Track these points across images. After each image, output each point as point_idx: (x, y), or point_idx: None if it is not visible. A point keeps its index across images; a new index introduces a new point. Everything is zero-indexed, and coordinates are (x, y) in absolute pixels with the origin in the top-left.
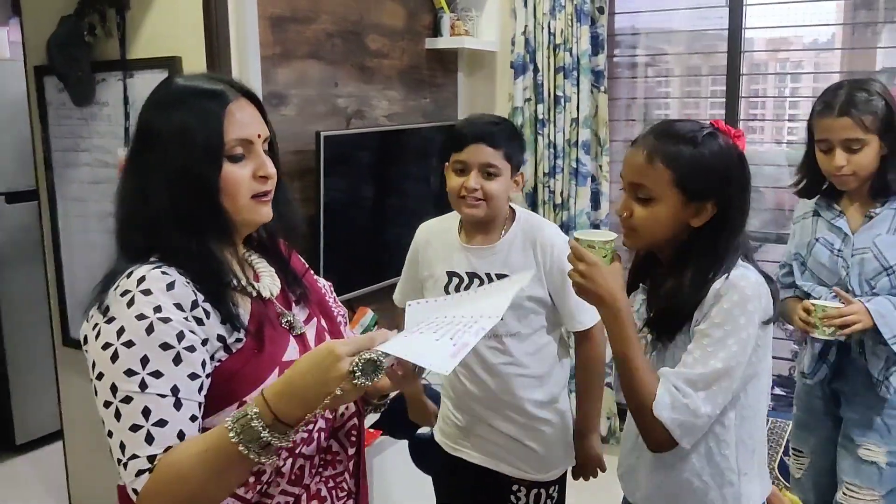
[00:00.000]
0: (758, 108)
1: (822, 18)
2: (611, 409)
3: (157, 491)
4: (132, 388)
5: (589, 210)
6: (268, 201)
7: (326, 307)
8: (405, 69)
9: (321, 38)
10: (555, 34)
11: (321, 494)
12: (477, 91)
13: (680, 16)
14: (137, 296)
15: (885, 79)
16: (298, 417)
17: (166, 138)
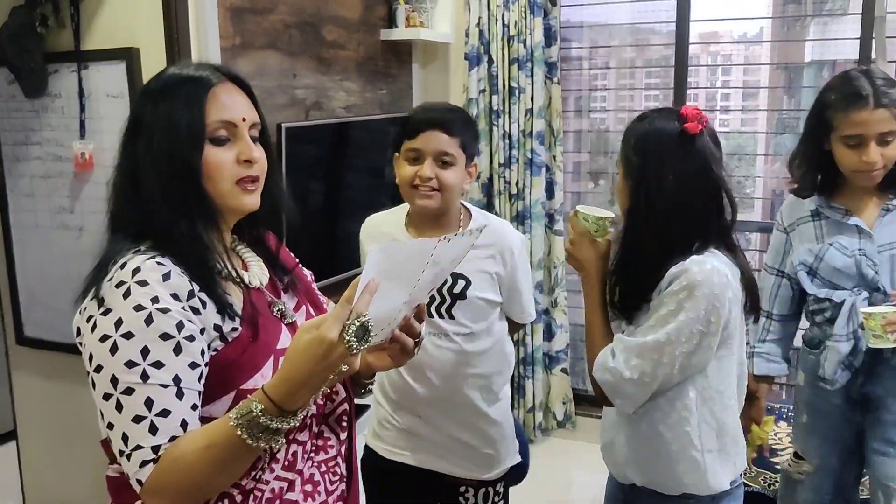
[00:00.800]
0: (691, 99)
1: (752, 12)
2: (567, 394)
3: (164, 483)
4: (134, 380)
5: (544, 200)
6: (254, 190)
7: (314, 296)
8: (362, 61)
9: (279, 29)
10: (508, 26)
11: (314, 479)
12: (432, 82)
13: (623, 9)
14: (134, 287)
15: (814, 71)
16: (305, 404)
17: (152, 125)
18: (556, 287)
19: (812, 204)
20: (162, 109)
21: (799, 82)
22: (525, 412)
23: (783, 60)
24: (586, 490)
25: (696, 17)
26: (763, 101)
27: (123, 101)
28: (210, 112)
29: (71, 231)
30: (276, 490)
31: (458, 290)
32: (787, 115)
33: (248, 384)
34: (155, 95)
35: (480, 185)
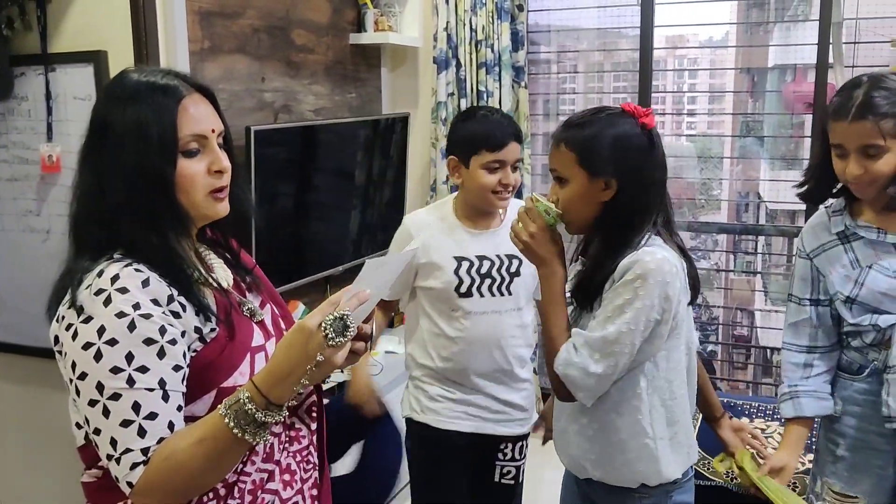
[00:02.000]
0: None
1: (717, 18)
2: (536, 393)
3: (155, 483)
4: (120, 385)
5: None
6: (224, 197)
7: (275, 294)
8: (330, 64)
9: (248, 33)
10: (476, 30)
11: (291, 469)
12: (400, 86)
13: (589, 14)
14: (114, 294)
15: (777, 74)
16: (289, 395)
17: (121, 133)
18: None
19: (838, 225)
20: (130, 118)
21: (763, 86)
22: None
23: (747, 65)
24: (555, 485)
25: (662, 23)
26: (728, 104)
27: (91, 104)
28: (182, 125)
29: (38, 234)
30: (256, 481)
31: (514, 268)
32: (752, 119)
33: (228, 382)
34: (122, 102)
35: (449, 187)
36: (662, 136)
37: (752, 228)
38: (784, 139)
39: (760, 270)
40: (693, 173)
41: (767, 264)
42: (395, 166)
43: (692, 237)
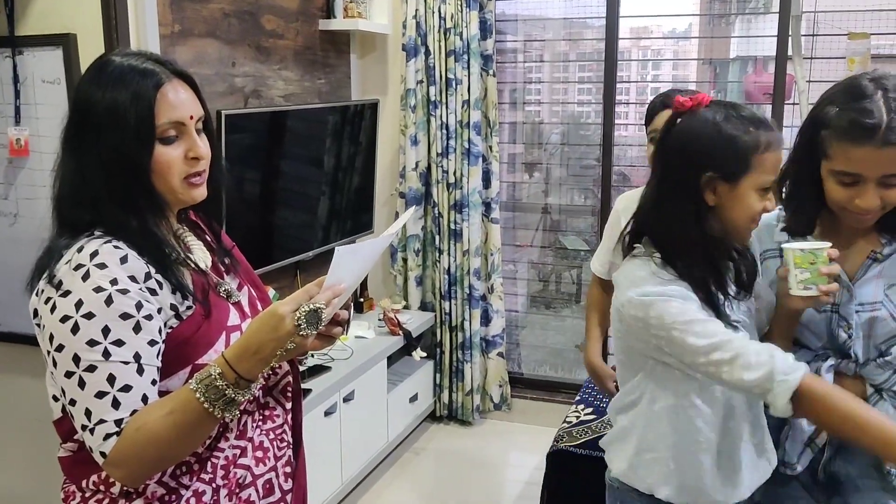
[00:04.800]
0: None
1: (681, 9)
2: (503, 377)
3: (127, 453)
4: (96, 358)
5: (481, 189)
6: (201, 183)
7: (253, 276)
8: (300, 50)
9: (218, 17)
10: (445, 18)
11: (264, 446)
12: (370, 72)
13: (556, 3)
14: (93, 269)
15: (738, 66)
16: (257, 373)
17: (100, 118)
18: (492, 274)
19: (783, 235)
20: (109, 103)
21: (725, 77)
22: (463, 395)
23: (709, 56)
24: (522, 469)
25: (627, 13)
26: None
27: (60, 88)
28: (160, 112)
29: (5, 217)
30: (229, 457)
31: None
32: None
33: (203, 359)
34: (102, 86)
35: (419, 174)
36: (626, 128)
37: None
38: None
39: None
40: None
41: None
42: (363, 153)
43: None
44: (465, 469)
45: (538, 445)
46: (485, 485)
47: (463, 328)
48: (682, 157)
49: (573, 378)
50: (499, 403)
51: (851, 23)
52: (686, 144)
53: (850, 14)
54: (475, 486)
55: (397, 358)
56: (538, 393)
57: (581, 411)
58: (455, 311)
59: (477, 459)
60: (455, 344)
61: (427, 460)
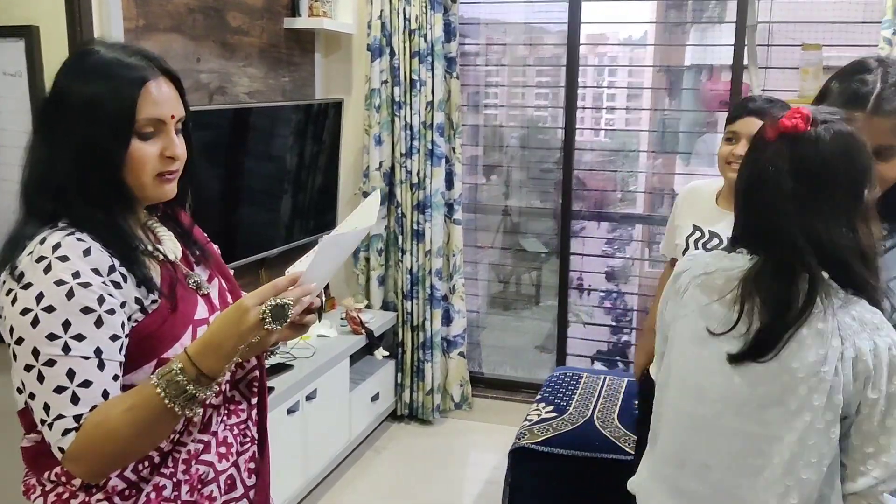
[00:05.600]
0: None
1: (637, 17)
2: (463, 376)
3: (86, 448)
4: (55, 352)
5: (444, 189)
6: (172, 179)
7: (224, 269)
8: (265, 47)
9: (183, 13)
10: (410, 20)
11: (227, 441)
12: (334, 71)
13: (515, 8)
14: (54, 262)
15: (693, 73)
16: (219, 369)
17: (77, 107)
18: (454, 274)
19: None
20: (88, 93)
21: (679, 84)
22: (424, 394)
23: (666, 63)
24: (482, 468)
25: (585, 20)
26: (646, 101)
27: (22, 80)
28: (141, 108)
29: None
30: (192, 451)
31: None
32: (669, 115)
33: (168, 353)
34: (84, 75)
35: (382, 174)
36: (582, 133)
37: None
38: (698, 135)
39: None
40: (611, 167)
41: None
42: (327, 152)
43: (611, 229)
44: (426, 468)
45: (499, 444)
46: (446, 484)
47: (424, 328)
48: (848, 178)
49: (533, 377)
50: (459, 403)
51: (805, 34)
52: (847, 164)
53: (804, 25)
54: (437, 485)
55: (359, 357)
56: (498, 392)
57: (542, 409)
58: (417, 310)
59: (438, 458)
60: (416, 343)
61: (389, 459)
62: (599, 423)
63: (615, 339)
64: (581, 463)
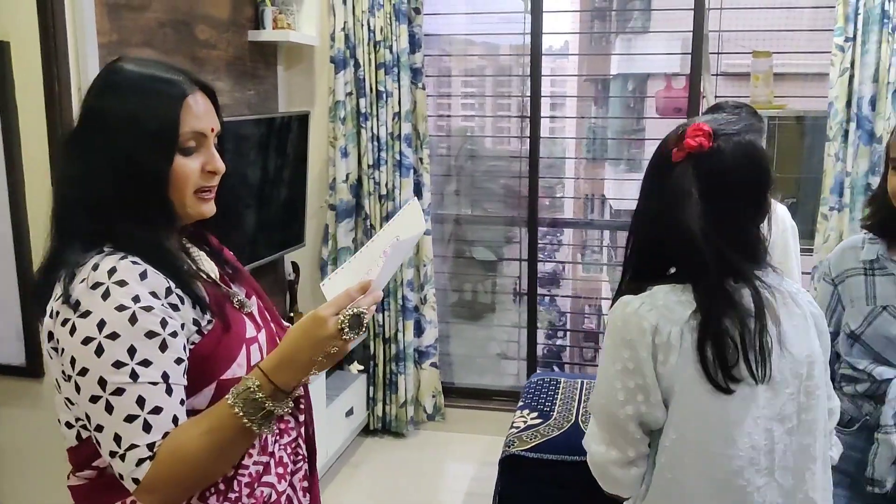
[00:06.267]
0: (505, 109)
1: (561, 28)
2: (436, 387)
3: (163, 477)
4: (123, 380)
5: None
6: (211, 198)
7: (256, 286)
8: (231, 61)
9: (154, 27)
10: (374, 31)
11: (284, 461)
12: (296, 84)
13: (471, 20)
14: (112, 287)
15: (619, 83)
16: (296, 383)
17: (118, 124)
18: (424, 285)
19: (870, 254)
20: (130, 109)
21: (606, 92)
22: (398, 408)
23: (591, 73)
24: (461, 479)
25: (526, 31)
26: (571, 110)
27: None
28: (184, 122)
29: None
30: (253, 474)
31: None
32: (595, 123)
33: (227, 374)
34: (121, 92)
35: (349, 186)
36: (509, 142)
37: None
38: (627, 142)
39: (606, 263)
40: (545, 174)
41: (613, 259)
42: (294, 165)
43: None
44: (406, 482)
45: (475, 454)
46: (427, 497)
47: (396, 339)
48: (752, 185)
49: (502, 385)
50: (432, 414)
51: (754, 42)
52: (751, 173)
53: (754, 34)
54: (418, 498)
55: (331, 372)
56: (471, 402)
57: (527, 416)
58: (388, 322)
59: (416, 472)
60: (389, 356)
61: (367, 475)
62: (585, 427)
63: (550, 343)
64: (570, 467)
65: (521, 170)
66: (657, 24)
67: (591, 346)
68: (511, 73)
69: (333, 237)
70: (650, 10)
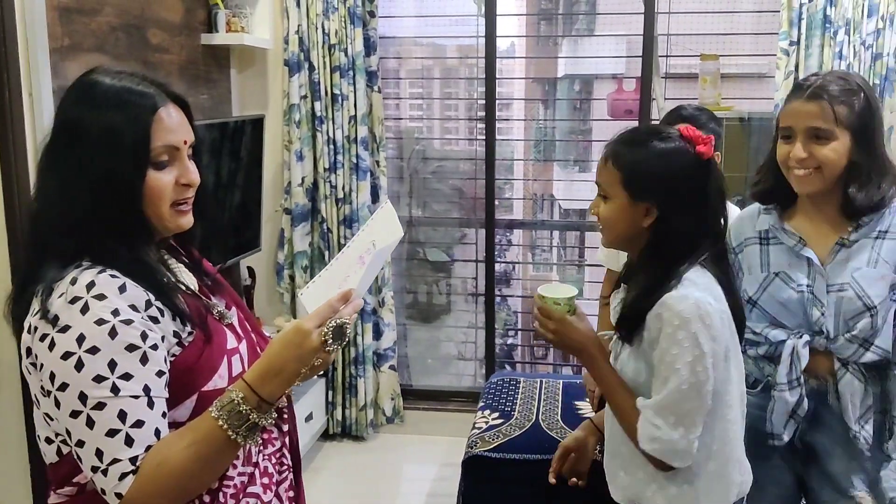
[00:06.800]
0: (450, 109)
1: (506, 31)
2: (395, 390)
3: (146, 491)
4: (104, 394)
5: (370, 203)
6: (188, 210)
7: (236, 297)
8: (184, 65)
9: (105, 31)
10: (329, 35)
11: (269, 471)
12: (249, 87)
13: (423, 23)
14: (91, 301)
15: (567, 85)
16: (280, 394)
17: (93, 139)
18: (382, 287)
19: (763, 223)
20: (105, 124)
21: (553, 94)
22: (357, 411)
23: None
24: (416, 482)
25: (454, 34)
26: (518, 111)
27: None
28: (155, 136)
29: None
30: (238, 485)
31: None
32: (544, 125)
33: (209, 386)
34: (95, 107)
35: (305, 189)
36: (457, 143)
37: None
38: (574, 143)
39: (555, 262)
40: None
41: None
42: (249, 169)
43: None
44: (368, 486)
45: (435, 456)
46: (386, 500)
47: (355, 343)
48: None
49: (460, 386)
50: (391, 417)
51: (702, 45)
52: None
53: (701, 37)
54: (377, 502)
55: None
56: (430, 403)
57: (489, 416)
58: None
59: (378, 475)
60: (347, 360)
61: (328, 479)
62: (546, 426)
63: (502, 342)
64: (533, 466)
65: (476, 171)
66: (602, 27)
67: (542, 345)
68: (460, 75)
69: (289, 241)
70: (595, 13)
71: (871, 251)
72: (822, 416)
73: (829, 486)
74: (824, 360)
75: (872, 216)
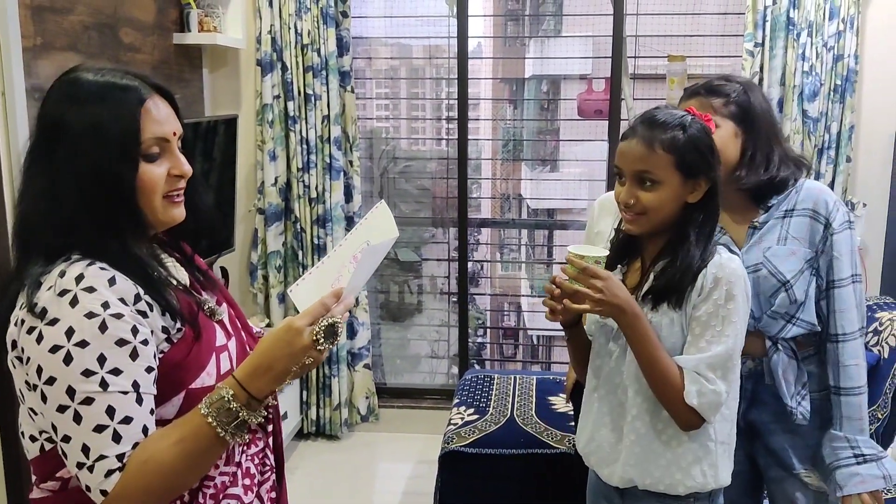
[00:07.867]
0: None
1: (475, 31)
2: (370, 388)
3: (132, 488)
4: (93, 389)
5: (343, 203)
6: (180, 201)
7: (227, 294)
8: (156, 64)
9: (78, 30)
10: (302, 35)
11: (251, 472)
12: (221, 87)
13: (393, 23)
14: (81, 294)
15: (534, 85)
16: (270, 392)
17: (78, 135)
18: None
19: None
20: (89, 119)
21: (521, 94)
22: (332, 410)
23: (505, 75)
24: (392, 480)
25: (425, 34)
26: (486, 111)
27: None
28: (144, 128)
29: None
30: (219, 485)
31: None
32: (511, 125)
33: (196, 383)
34: (79, 102)
35: (278, 189)
36: (425, 142)
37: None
38: (542, 143)
39: (524, 261)
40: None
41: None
42: (222, 169)
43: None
44: (343, 484)
45: (410, 454)
46: (362, 498)
47: None
48: None
49: (434, 384)
50: (366, 415)
51: (670, 46)
52: None
53: (668, 39)
54: (353, 500)
55: None
56: (404, 401)
57: (464, 412)
58: None
59: (353, 473)
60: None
61: (303, 478)
62: (521, 421)
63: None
64: (509, 460)
65: (447, 170)
66: (569, 28)
67: (510, 343)
68: (428, 75)
69: (263, 241)
70: (563, 14)
71: (780, 230)
72: (760, 395)
73: (774, 463)
74: (756, 340)
75: (778, 198)
